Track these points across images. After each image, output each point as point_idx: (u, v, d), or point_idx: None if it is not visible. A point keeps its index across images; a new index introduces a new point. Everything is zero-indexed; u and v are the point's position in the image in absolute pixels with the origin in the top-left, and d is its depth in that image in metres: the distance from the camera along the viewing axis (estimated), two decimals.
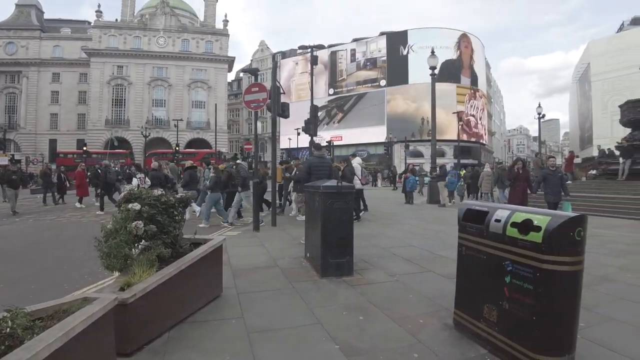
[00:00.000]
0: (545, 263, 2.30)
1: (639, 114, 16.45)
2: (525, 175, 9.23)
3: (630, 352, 2.80)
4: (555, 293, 2.33)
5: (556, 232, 2.28)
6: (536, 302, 2.36)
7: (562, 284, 2.33)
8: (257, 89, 7.94)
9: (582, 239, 2.34)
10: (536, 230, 2.36)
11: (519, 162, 9.55)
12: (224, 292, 4.00)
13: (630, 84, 44.41)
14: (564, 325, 2.38)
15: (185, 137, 53.29)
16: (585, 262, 5.21)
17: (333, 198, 4.41)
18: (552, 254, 2.29)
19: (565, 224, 2.29)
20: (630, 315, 3.55)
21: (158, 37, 55.68)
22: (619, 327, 3.30)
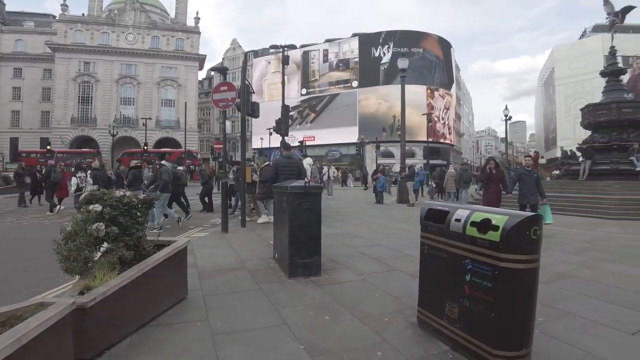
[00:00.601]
0: (503, 261, 2.37)
1: (598, 117, 17.18)
2: (498, 175, 8.62)
3: (583, 345, 2.93)
4: (512, 290, 2.41)
5: (513, 231, 2.36)
6: (495, 299, 2.43)
7: (519, 281, 2.41)
8: (226, 88, 7.85)
9: (538, 238, 2.42)
10: (494, 229, 2.44)
11: (491, 162, 8.86)
12: (190, 295, 3.94)
13: (591, 88, 46.34)
14: (521, 321, 2.46)
15: (154, 136, 52.17)
16: (546, 259, 5.48)
17: (301, 198, 4.41)
18: (509, 253, 2.37)
19: (522, 224, 2.37)
20: (586, 309, 3.71)
21: (127, 33, 54.13)
22: (575, 321, 3.44)
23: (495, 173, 8.58)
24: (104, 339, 2.79)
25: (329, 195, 18.67)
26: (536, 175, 8.39)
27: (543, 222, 2.49)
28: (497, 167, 8.79)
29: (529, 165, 8.61)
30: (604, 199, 13.18)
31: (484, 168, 9.10)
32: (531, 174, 8.33)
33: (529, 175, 8.28)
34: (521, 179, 8.33)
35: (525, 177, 8.26)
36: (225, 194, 7.98)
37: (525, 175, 8.29)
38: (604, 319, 3.48)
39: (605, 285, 4.54)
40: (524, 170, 8.48)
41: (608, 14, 18.84)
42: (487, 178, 8.67)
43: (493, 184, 8.56)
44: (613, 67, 17.92)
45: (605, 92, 17.90)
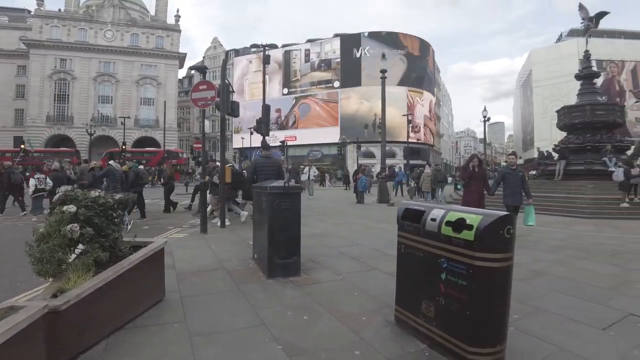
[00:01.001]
0: (478, 260, 2.43)
1: (573, 119, 17.65)
2: (481, 174, 7.88)
3: (556, 340, 3.01)
4: (487, 288, 2.46)
5: (487, 230, 2.41)
6: (469, 297, 2.48)
7: (493, 279, 2.46)
8: (205, 87, 7.78)
9: (511, 237, 2.48)
10: (469, 228, 2.49)
11: (474, 160, 8.06)
12: (167, 296, 3.90)
13: (567, 91, 47.60)
14: (495, 318, 2.52)
15: (133, 135, 51.19)
16: (522, 257, 5.60)
17: (280, 198, 4.40)
18: (483, 251, 2.42)
19: (496, 223, 2.43)
20: (560, 306, 3.81)
21: (105, 30, 52.93)
22: (548, 317, 3.54)
23: (477, 171, 7.83)
24: (79, 343, 2.74)
25: (310, 195, 18.68)
26: (521, 174, 7.93)
27: (516, 221, 2.54)
28: (480, 165, 8.01)
29: (513, 163, 8.10)
30: (578, 199, 13.53)
31: (465, 166, 8.26)
32: (516, 172, 7.86)
33: (514, 174, 7.81)
34: (505, 179, 7.85)
35: (509, 177, 7.80)
36: (202, 194, 7.89)
37: (509, 175, 7.82)
38: (577, 315, 3.58)
39: (578, 283, 4.67)
40: (508, 169, 8.00)
41: (583, 19, 19.38)
42: (469, 177, 7.87)
43: (475, 183, 7.80)
44: (587, 71, 18.43)
45: (580, 95, 18.39)
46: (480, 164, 8.05)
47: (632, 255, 6.34)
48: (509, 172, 7.89)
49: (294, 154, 52.09)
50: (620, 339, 3.10)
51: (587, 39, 19.39)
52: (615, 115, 17.32)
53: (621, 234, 8.72)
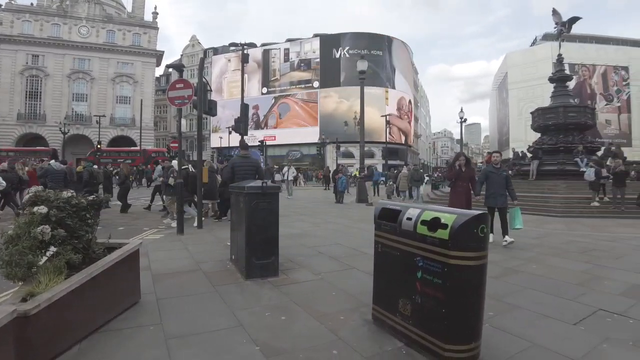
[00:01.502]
0: (452, 258, 2.47)
1: (547, 121, 18.12)
2: (468, 174, 7.36)
3: (529, 336, 3.10)
4: (461, 286, 2.50)
5: (461, 229, 2.46)
6: (445, 295, 2.52)
7: (468, 277, 2.51)
8: (182, 85, 7.66)
9: (485, 236, 2.54)
10: (443, 227, 2.53)
11: (461, 158, 7.51)
12: (142, 299, 3.83)
13: (541, 93, 48.93)
14: (470, 316, 2.57)
15: (108, 134, 50.07)
16: (497, 255, 5.72)
17: (258, 198, 4.37)
18: (458, 250, 2.46)
19: (470, 222, 2.47)
20: (533, 303, 3.91)
21: (80, 26, 51.53)
22: (522, 314, 3.63)
23: (465, 171, 7.36)
24: (50, 348, 2.66)
25: (289, 195, 18.66)
26: (505, 174, 7.51)
27: (489, 221, 2.60)
28: (467, 163, 7.49)
29: (497, 162, 7.63)
30: (551, 198, 13.90)
31: (452, 164, 7.74)
32: (500, 172, 7.44)
33: (497, 173, 7.38)
34: (489, 178, 7.38)
35: (493, 176, 7.35)
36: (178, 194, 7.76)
37: (493, 174, 7.37)
38: (549, 311, 3.68)
39: (550, 280, 4.80)
40: (492, 168, 7.53)
41: (556, 24, 19.92)
42: (456, 176, 7.41)
43: (462, 184, 7.33)
44: (560, 74, 18.94)
45: (553, 97, 18.89)
46: (468, 163, 7.54)
47: (602, 253, 6.56)
48: (492, 171, 7.45)
49: (273, 154, 51.99)
50: (590, 333, 3.20)
51: (560, 43, 19.98)
52: (586, 117, 17.85)
53: (591, 232, 9.00)
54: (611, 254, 6.50)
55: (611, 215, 12.08)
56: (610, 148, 17.75)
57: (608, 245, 7.31)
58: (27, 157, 29.70)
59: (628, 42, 60.08)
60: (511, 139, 55.00)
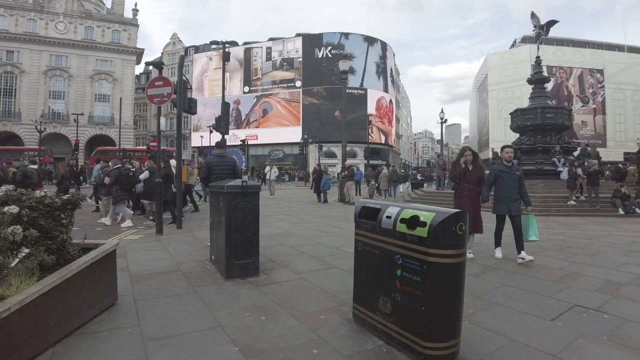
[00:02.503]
0: (431, 256, 2.48)
1: (526, 121, 18.42)
2: (476, 174, 5.87)
3: (506, 332, 3.16)
4: (440, 284, 2.52)
5: (440, 227, 2.47)
6: (424, 293, 2.53)
7: (446, 275, 2.53)
8: (161, 83, 7.53)
9: (463, 233, 2.56)
10: (422, 225, 2.54)
11: (467, 153, 5.96)
12: (120, 300, 3.76)
13: (520, 94, 50.03)
14: (450, 313, 2.59)
15: (86, 133, 49.06)
16: (476, 253, 5.78)
17: (238, 198, 4.32)
18: (437, 248, 2.48)
19: (448, 220, 2.49)
20: (511, 299, 3.99)
21: (57, 21, 50.19)
22: (500, 310, 3.69)
23: (472, 170, 5.86)
24: (23, 352, 2.58)
25: (271, 195, 18.59)
26: (519, 174, 5.95)
27: (468, 218, 2.61)
28: (475, 160, 5.93)
29: (510, 159, 5.99)
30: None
31: (456, 162, 6.13)
32: (512, 172, 5.88)
33: (510, 173, 5.85)
34: (499, 179, 5.90)
35: (504, 177, 5.84)
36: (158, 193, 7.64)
37: (504, 174, 5.86)
38: (526, 307, 3.75)
39: (527, 277, 4.90)
40: (503, 166, 6.00)
41: (535, 27, 20.30)
42: (460, 176, 5.92)
43: (468, 185, 5.84)
44: (538, 76, 19.29)
45: (532, 98, 19.23)
46: (476, 159, 5.95)
47: (578, 250, 6.72)
48: (503, 170, 5.92)
49: (255, 154, 51.76)
50: (566, 329, 3.28)
51: (539, 45, 20.33)
52: (563, 118, 18.21)
53: (568, 230, 9.22)
54: (587, 251, 6.67)
55: (586, 213, 12.39)
56: (587, 149, 18.21)
57: (584, 242, 7.49)
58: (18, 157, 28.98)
59: (603, 45, 61.65)
60: (491, 140, 55.86)
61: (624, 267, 5.55)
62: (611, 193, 13.20)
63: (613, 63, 57.21)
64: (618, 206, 12.58)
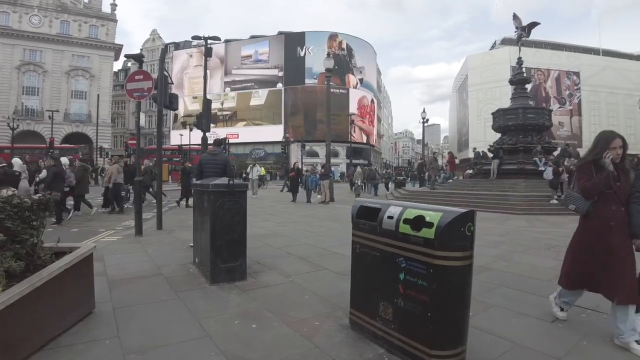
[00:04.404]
0: (438, 259, 2.31)
1: (507, 121, 18.60)
2: (628, 184, 3.09)
3: (508, 335, 3.03)
4: (448, 288, 2.36)
5: (448, 228, 2.30)
6: (430, 298, 2.36)
7: (454, 279, 2.36)
8: (141, 77, 7.20)
9: (472, 234, 2.39)
10: (428, 226, 2.37)
11: (617, 144, 3.08)
12: (97, 308, 3.47)
13: (499, 95, 50.84)
14: (457, 319, 2.43)
15: (62, 130, 47.66)
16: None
17: (224, 197, 4.07)
18: (444, 250, 2.31)
19: (457, 220, 2.32)
20: (508, 300, 3.88)
21: (31, 15, 48.49)
22: (499, 312, 3.57)
23: (620, 179, 3.05)
24: None
25: (254, 194, 18.32)
26: None
27: (476, 219, 2.45)
28: (623, 159, 3.10)
29: None
30: (511, 196, 14.24)
31: (592, 163, 3.20)
32: None
33: None
34: None
35: None
36: (137, 191, 7.31)
37: None
38: (525, 308, 3.65)
39: (521, 277, 4.81)
40: None
41: (517, 28, 20.49)
42: (605, 188, 3.04)
43: (617, 209, 3.05)
44: (520, 77, 19.52)
45: (513, 99, 19.43)
46: (623, 158, 3.13)
47: (565, 248, 6.66)
48: None
49: (236, 152, 51.14)
50: (568, 330, 3.18)
51: (520, 46, 20.52)
52: (544, 119, 18.47)
53: (553, 229, 9.23)
54: None
55: (568, 212, 12.46)
56: (567, 148, 18.46)
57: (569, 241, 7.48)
58: None
59: (579, 48, 63.11)
60: (471, 139, 56.51)
61: None
62: None
63: (589, 66, 58.60)
64: None
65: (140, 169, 7.92)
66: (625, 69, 59.64)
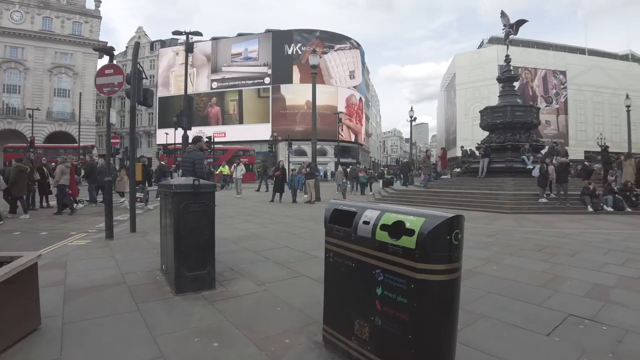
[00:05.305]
0: (420, 272, 1.97)
1: (495, 119, 18.45)
2: None
3: (500, 352, 2.74)
4: (432, 306, 2.02)
5: (431, 236, 1.96)
6: (411, 318, 2.02)
7: (438, 295, 2.02)
8: (112, 71, 6.80)
9: (459, 243, 2.06)
10: (409, 234, 2.02)
11: None
12: (44, 324, 3.09)
13: (487, 93, 51.06)
14: (442, 341, 2.08)
15: (44, 129, 46.58)
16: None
17: (188, 199, 3.68)
18: (426, 262, 1.97)
19: (442, 227, 1.97)
20: (498, 310, 3.59)
21: (12, 11, 47.21)
22: (489, 324, 3.27)
23: None
24: None
25: (238, 194, 17.91)
26: None
27: (464, 225, 2.12)
28: None
29: None
30: (500, 195, 14.07)
31: None
32: None
33: None
34: None
35: None
36: (107, 193, 6.89)
37: None
38: (517, 319, 3.36)
39: (513, 282, 4.54)
40: None
41: (504, 25, 20.35)
42: None
43: None
44: (508, 74, 19.38)
45: (501, 97, 19.28)
46: None
47: (556, 250, 6.47)
48: None
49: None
50: (565, 345, 2.90)
51: (508, 44, 20.40)
52: (532, 117, 18.35)
53: (541, 229, 9.04)
54: (565, 250, 6.43)
55: (557, 211, 12.35)
56: (555, 147, 18.38)
57: (560, 241, 7.30)
58: None
59: (565, 48, 63.71)
60: (458, 138, 56.62)
61: (606, 267, 5.31)
62: (579, 190, 13.27)
63: (575, 65, 59.19)
64: (587, 203, 12.61)
65: (109, 168, 7.48)
66: (611, 68, 60.45)
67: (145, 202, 12.64)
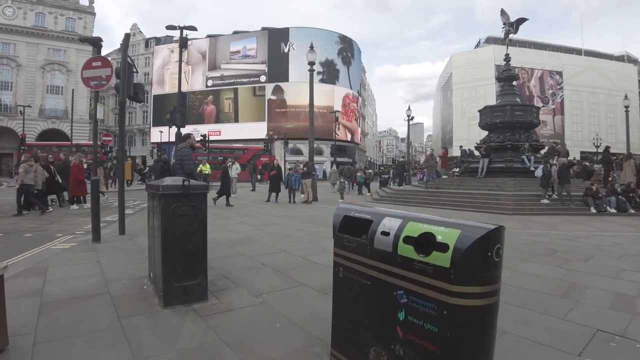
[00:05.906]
0: (455, 296, 1.62)
1: (494, 119, 18.18)
2: None
3: None
4: (466, 336, 1.66)
5: (471, 253, 1.61)
6: (441, 349, 1.68)
7: (476, 323, 1.67)
8: (100, 64, 6.40)
9: (500, 260, 1.72)
10: (442, 249, 1.67)
11: None
12: (12, 344, 2.70)
13: (484, 93, 50.93)
14: None
15: (37, 127, 45.86)
16: None
17: (177, 201, 3.32)
18: (464, 284, 1.62)
19: (483, 241, 1.62)
20: (519, 324, 3.27)
21: (4, 6, 46.25)
22: (512, 342, 2.93)
23: None
24: None
25: (233, 194, 17.51)
26: None
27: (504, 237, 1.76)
28: None
29: None
30: (500, 195, 13.79)
31: None
32: None
33: None
34: None
35: None
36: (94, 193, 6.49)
37: None
38: (541, 336, 3.03)
39: (528, 291, 4.21)
40: None
41: (504, 24, 20.07)
42: None
43: None
44: (508, 73, 19.11)
45: (501, 96, 19.02)
46: None
47: (568, 254, 6.17)
48: None
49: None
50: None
51: (508, 43, 20.11)
52: (532, 116, 18.10)
53: (547, 231, 8.77)
54: (577, 255, 6.12)
55: (560, 212, 12.08)
56: (555, 147, 18.10)
57: (570, 245, 6.99)
58: None
59: (562, 48, 63.68)
60: (454, 138, 56.40)
61: (624, 274, 4.99)
62: (581, 191, 13.02)
63: (571, 66, 59.13)
64: (590, 205, 12.34)
65: (97, 166, 7.08)
66: (606, 69, 60.50)
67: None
